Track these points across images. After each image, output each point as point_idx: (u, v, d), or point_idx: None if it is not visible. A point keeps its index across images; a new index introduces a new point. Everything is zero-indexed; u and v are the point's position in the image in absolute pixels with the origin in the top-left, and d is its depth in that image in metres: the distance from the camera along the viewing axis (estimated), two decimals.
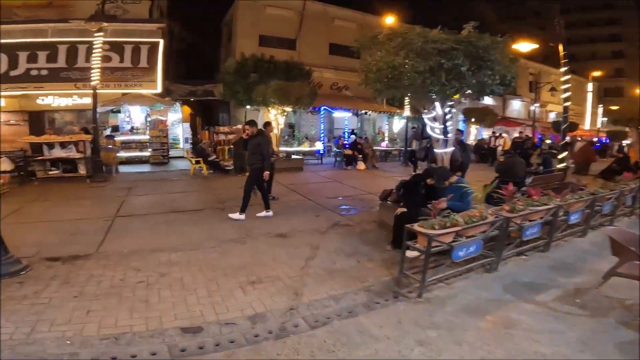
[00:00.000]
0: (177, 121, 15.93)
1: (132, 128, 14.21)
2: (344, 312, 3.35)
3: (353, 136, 16.53)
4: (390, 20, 16.76)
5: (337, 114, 17.74)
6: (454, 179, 4.58)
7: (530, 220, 4.43)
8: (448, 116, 5.17)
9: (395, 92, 5.46)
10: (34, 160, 9.51)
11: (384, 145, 17.49)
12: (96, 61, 9.86)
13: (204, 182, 10.06)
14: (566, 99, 9.78)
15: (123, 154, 13.41)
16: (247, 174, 10.77)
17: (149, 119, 13.63)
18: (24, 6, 15.64)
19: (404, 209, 4.87)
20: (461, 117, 21.93)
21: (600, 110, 36.42)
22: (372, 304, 3.51)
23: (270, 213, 6.47)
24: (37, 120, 15.00)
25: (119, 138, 13.27)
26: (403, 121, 19.22)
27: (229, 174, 11.22)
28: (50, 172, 9.47)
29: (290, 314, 3.27)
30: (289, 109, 12.04)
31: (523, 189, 5.61)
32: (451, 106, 5.27)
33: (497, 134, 19.48)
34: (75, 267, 4.10)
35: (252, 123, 6.89)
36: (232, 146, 11.36)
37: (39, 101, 14.53)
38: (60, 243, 4.89)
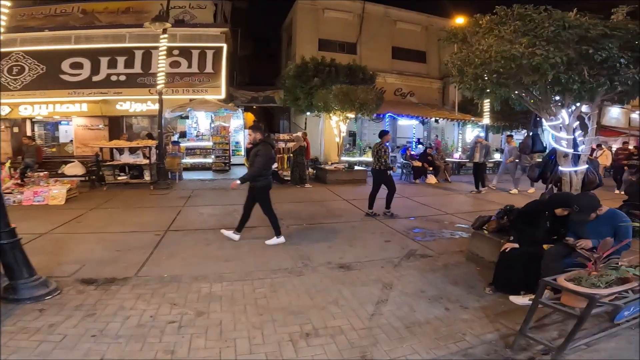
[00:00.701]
0: (239, 127, 15.90)
1: (198, 134, 14.40)
2: None
3: (420, 146, 15.11)
4: (460, 21, 15.17)
5: (401, 122, 16.44)
6: (603, 209, 3.24)
7: None
8: (576, 123, 3.82)
9: (505, 91, 4.22)
10: (104, 165, 9.79)
11: (456, 156, 15.71)
12: (162, 64, 9.91)
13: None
14: None
15: (187, 160, 13.61)
16: (307, 185, 10.28)
17: (212, 125, 13.66)
18: (106, 12, 16.82)
19: (515, 244, 3.66)
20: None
21: None
22: None
23: (282, 239, 5.42)
24: (116, 125, 15.96)
25: (184, 144, 13.48)
26: (477, 130, 17.30)
27: (287, 184, 10.61)
28: (119, 178, 9.65)
29: None
30: (352, 115, 11.16)
31: None
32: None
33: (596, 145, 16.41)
34: (108, 295, 3.55)
35: (256, 128, 5.62)
36: (291, 155, 10.71)
37: (117, 106, 15.37)
38: (103, 261, 4.48)
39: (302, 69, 13.23)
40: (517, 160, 9.94)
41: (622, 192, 9.57)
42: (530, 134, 6.30)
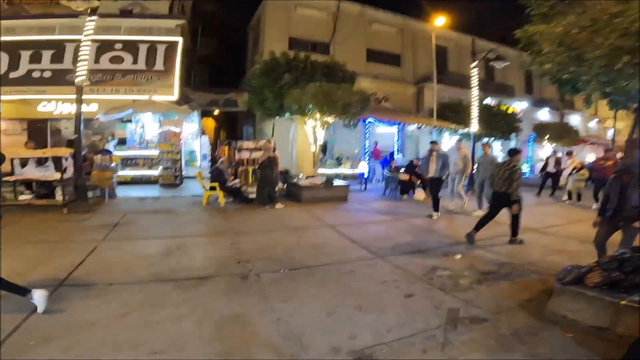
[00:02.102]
0: (195, 134, 13.56)
1: (142, 141, 11.91)
2: None
3: (400, 156, 13.66)
4: (440, 21, 14.18)
5: (380, 129, 14.96)
6: None
7: None
8: None
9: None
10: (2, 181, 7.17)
11: None
12: (84, 53, 7.56)
13: (219, 218, 7.32)
14: None
15: (127, 173, 11.09)
16: (278, 205, 8.27)
17: (159, 131, 11.29)
18: (36, 2, 14.04)
19: None
20: (532, 134, 18.77)
21: None
22: None
23: None
24: (38, 130, 13.09)
25: (120, 153, 10.96)
26: (455, 138, 16.25)
27: (253, 204, 8.54)
28: (20, 198, 7.09)
29: None
30: (331, 119, 9.38)
31: None
32: None
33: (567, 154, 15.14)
34: None
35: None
36: (257, 168, 8.69)
37: (40, 108, 12.61)
38: None
39: (272, 66, 11.32)
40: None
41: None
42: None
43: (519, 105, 19.22)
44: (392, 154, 13.37)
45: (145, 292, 3.70)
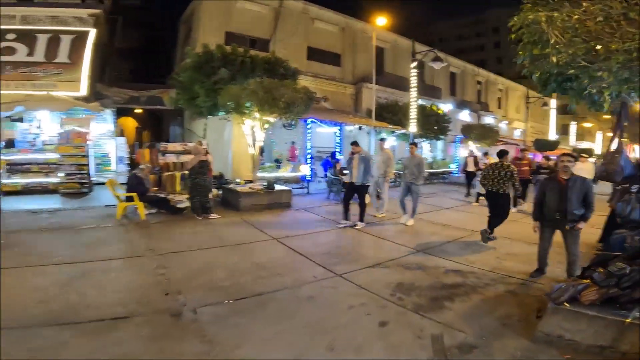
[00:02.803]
0: (108, 134, 11.62)
1: (33, 143, 9.76)
2: None
3: (342, 157, 13.25)
4: (382, 21, 14.21)
5: (320, 130, 14.46)
6: None
7: None
8: None
9: None
10: None
11: None
12: None
13: (139, 234, 6.01)
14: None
15: (17, 181, 8.96)
16: (212, 216, 7.20)
17: (59, 131, 9.34)
18: None
19: None
20: (459, 136, 19.87)
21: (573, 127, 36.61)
22: None
23: None
24: None
25: (7, 157, 8.79)
26: (392, 139, 16.50)
27: (183, 215, 7.35)
28: None
29: None
30: (273, 118, 8.53)
31: None
32: None
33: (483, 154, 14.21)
34: None
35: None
36: (187, 173, 7.49)
37: None
38: None
39: (205, 59, 10.06)
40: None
41: (517, 211, 8.46)
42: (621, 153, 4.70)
43: (444, 107, 20.25)
44: (333, 155, 12.92)
45: (32, 341, 2.56)
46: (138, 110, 18.69)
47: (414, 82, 11.62)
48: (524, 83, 37.16)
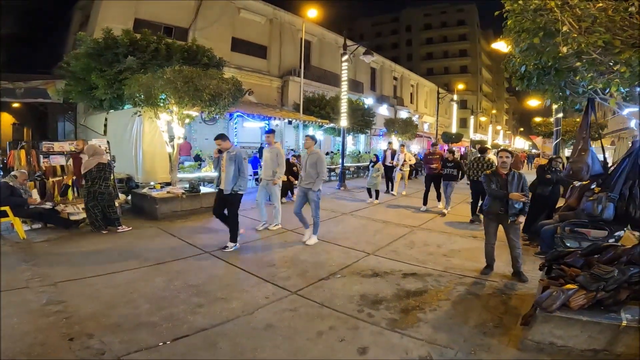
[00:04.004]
0: None
1: None
2: None
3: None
4: (312, 13, 13.78)
5: (246, 124, 13.48)
6: None
7: None
8: None
9: None
10: None
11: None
12: None
13: (20, 259, 4.49)
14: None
15: None
16: (121, 228, 5.89)
17: None
18: None
19: None
20: (382, 129, 20.46)
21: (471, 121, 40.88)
22: None
23: None
24: None
25: None
26: (319, 133, 16.29)
27: (80, 229, 5.89)
28: None
29: None
30: (195, 112, 7.40)
31: None
32: None
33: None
34: None
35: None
36: (80, 179, 6.03)
37: None
38: None
39: (106, 46, 8.34)
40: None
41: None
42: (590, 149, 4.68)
43: (366, 101, 20.80)
44: (261, 151, 12.06)
45: None
46: (16, 105, 15.35)
47: (344, 75, 11.39)
48: (432, 80, 40.74)
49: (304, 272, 4.32)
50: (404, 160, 10.88)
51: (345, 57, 11.19)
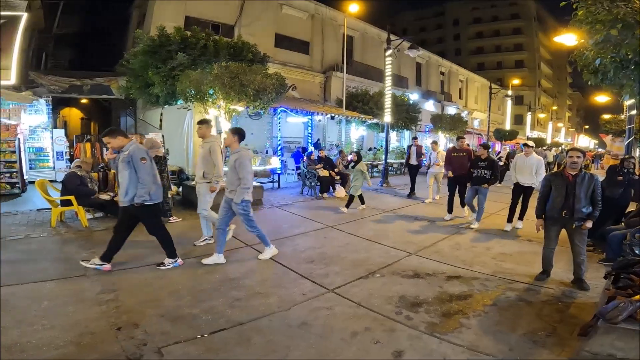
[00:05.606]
0: (44, 126, 10.08)
1: None
2: None
3: (313, 148, 12.57)
4: (354, 8, 13.59)
5: (289, 119, 13.66)
6: None
7: None
8: None
9: None
10: None
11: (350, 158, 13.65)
12: None
13: (81, 246, 4.92)
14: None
15: None
16: (172, 219, 6.22)
17: None
18: None
19: None
20: (428, 125, 19.80)
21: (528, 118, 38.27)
22: None
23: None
24: None
25: None
26: (362, 129, 16.07)
27: None
28: None
29: None
30: (240, 107, 7.63)
31: None
32: None
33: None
34: None
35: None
36: None
37: None
38: None
39: (161, 44, 8.85)
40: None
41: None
42: None
43: (411, 97, 20.17)
44: (305, 148, 12.20)
45: None
46: (84, 101, 16.85)
47: (388, 70, 11.11)
48: (483, 75, 38.53)
49: (343, 270, 4.28)
50: (437, 160, 8.82)
51: (389, 52, 10.90)
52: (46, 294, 3.39)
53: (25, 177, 8.39)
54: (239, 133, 4.41)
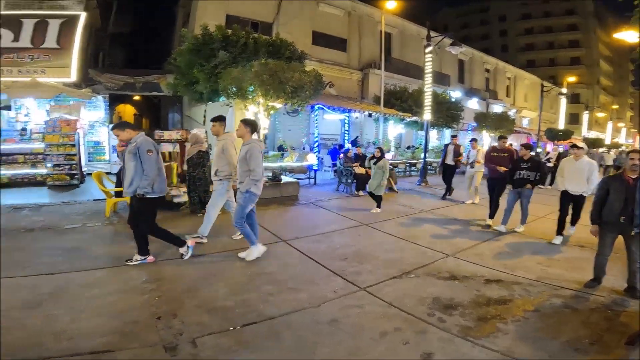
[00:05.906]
0: (101, 121, 10.92)
1: (22, 133, 9.03)
2: None
3: (349, 145, 12.51)
4: (392, 5, 13.31)
5: (327, 117, 13.70)
6: None
7: None
8: None
9: None
10: None
11: (389, 157, 13.41)
12: None
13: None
14: None
15: (4, 173, 8.27)
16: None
17: (48, 119, 8.62)
18: None
19: None
20: (471, 124, 19.03)
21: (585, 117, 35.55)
22: None
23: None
24: None
25: None
26: (400, 126, 15.73)
27: (181, 211, 6.67)
28: None
29: None
30: (279, 104, 7.79)
31: None
32: None
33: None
34: None
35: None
36: (185, 164, 6.79)
37: None
38: None
39: (204, 42, 9.24)
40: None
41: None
42: None
43: (453, 95, 19.43)
44: (342, 145, 12.19)
45: None
46: (136, 97, 17.98)
47: (428, 67, 10.79)
48: (533, 72, 36.17)
49: (376, 268, 4.25)
50: (477, 158, 8.28)
51: (429, 49, 10.56)
52: (96, 281, 3.64)
53: (83, 169, 9.14)
54: (251, 124, 4.36)
